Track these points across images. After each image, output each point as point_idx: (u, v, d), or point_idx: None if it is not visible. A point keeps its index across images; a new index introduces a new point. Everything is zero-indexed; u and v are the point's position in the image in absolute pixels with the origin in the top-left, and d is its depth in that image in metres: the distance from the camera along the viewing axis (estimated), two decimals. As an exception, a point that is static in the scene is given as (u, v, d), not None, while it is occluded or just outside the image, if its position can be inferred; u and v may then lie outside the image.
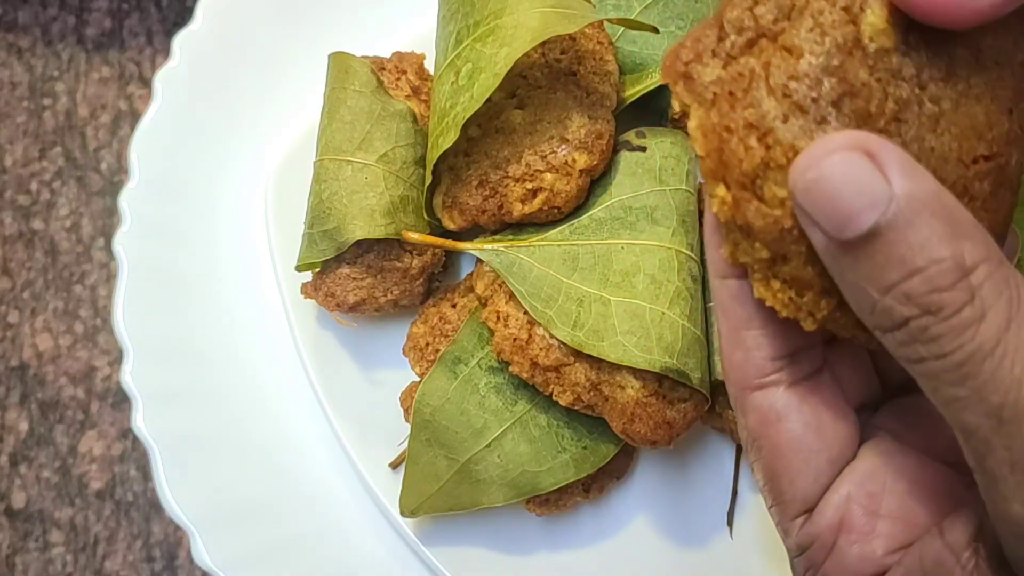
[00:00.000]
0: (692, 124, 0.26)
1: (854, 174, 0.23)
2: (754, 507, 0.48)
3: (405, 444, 0.45)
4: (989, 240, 0.24)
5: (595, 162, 0.44)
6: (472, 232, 0.47)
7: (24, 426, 0.57)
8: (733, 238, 0.27)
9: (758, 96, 0.25)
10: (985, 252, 0.23)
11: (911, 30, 0.26)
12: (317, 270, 0.48)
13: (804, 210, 0.24)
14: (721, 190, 0.26)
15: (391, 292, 0.47)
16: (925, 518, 0.28)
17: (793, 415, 0.28)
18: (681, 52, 0.27)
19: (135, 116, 0.62)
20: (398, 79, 0.49)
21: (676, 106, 0.27)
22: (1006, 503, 0.24)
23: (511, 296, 0.44)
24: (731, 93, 0.26)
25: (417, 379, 0.47)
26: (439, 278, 0.50)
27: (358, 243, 0.46)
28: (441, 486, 0.44)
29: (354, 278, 0.47)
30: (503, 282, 0.44)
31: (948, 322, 0.23)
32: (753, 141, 0.25)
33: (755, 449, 0.29)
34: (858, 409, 0.31)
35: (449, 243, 0.46)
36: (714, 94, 0.26)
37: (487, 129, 0.45)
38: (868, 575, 0.28)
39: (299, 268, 0.47)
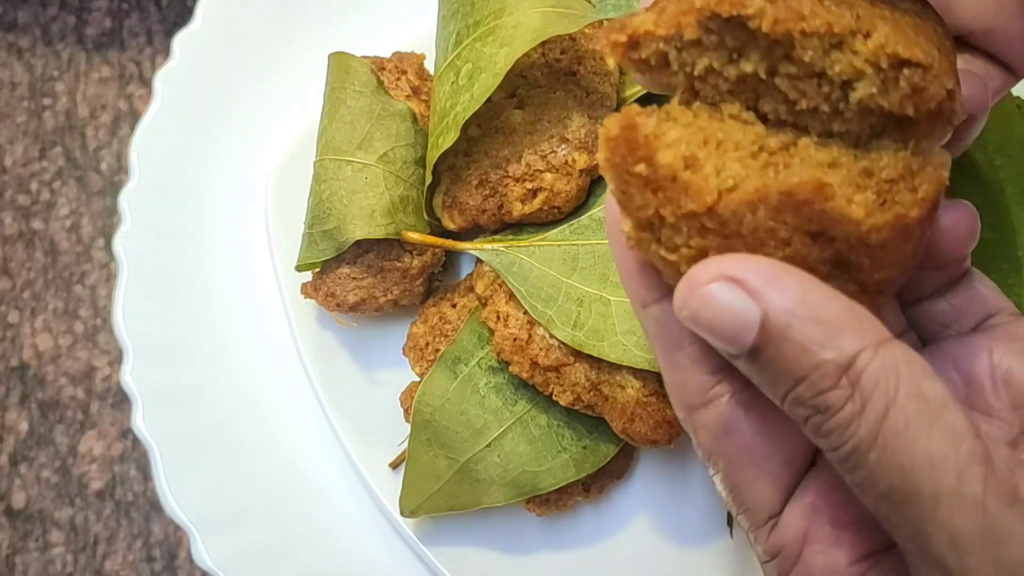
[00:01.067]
0: (600, 157, 0.27)
1: (724, 303, 0.25)
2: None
3: (405, 444, 0.45)
4: (865, 321, 0.25)
5: (595, 162, 0.44)
6: (472, 232, 0.47)
7: (24, 426, 0.57)
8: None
9: (653, 150, 0.27)
10: (860, 341, 0.24)
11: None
12: (317, 270, 0.48)
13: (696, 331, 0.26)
14: (627, 225, 0.28)
15: (391, 292, 0.47)
16: None
17: (740, 425, 0.29)
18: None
19: (135, 116, 0.62)
20: (398, 79, 0.49)
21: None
22: (916, 571, 0.25)
23: (511, 296, 0.44)
24: (627, 140, 0.27)
25: (417, 379, 0.47)
26: (439, 278, 0.50)
27: (358, 243, 0.46)
28: (441, 486, 0.44)
29: (354, 278, 0.47)
30: (503, 282, 0.44)
31: (834, 420, 0.24)
32: (648, 193, 0.26)
33: (712, 465, 0.30)
34: None
35: (449, 243, 0.46)
36: (611, 138, 0.27)
37: (487, 129, 0.45)
38: None
39: (299, 268, 0.47)
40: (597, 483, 0.47)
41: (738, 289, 0.24)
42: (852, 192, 0.26)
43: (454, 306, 0.47)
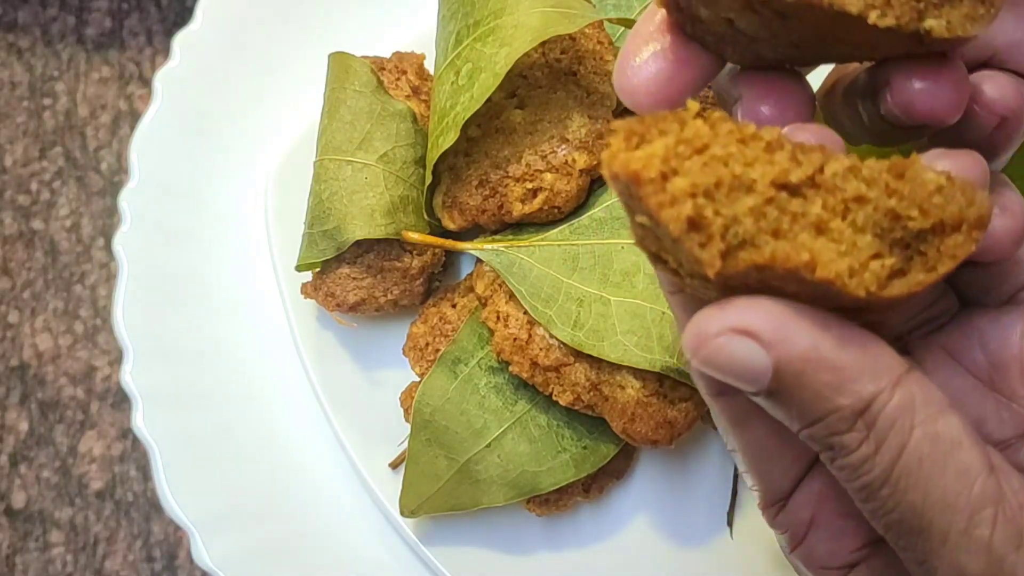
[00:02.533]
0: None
1: (734, 354, 0.25)
2: (754, 507, 0.48)
3: (405, 444, 0.45)
4: (881, 359, 0.25)
5: (595, 162, 0.44)
6: (472, 232, 0.47)
7: (24, 426, 0.57)
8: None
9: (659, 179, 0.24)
10: (875, 385, 0.24)
11: None
12: (317, 270, 0.48)
13: None
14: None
15: (391, 292, 0.47)
16: None
17: (755, 417, 0.29)
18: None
19: (135, 116, 0.62)
20: (398, 79, 0.49)
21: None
22: None
23: (511, 296, 0.44)
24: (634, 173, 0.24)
25: (417, 379, 0.47)
26: (439, 278, 0.50)
27: (358, 243, 0.46)
28: (441, 486, 0.44)
29: (354, 278, 0.47)
30: (503, 282, 0.44)
31: (848, 459, 0.25)
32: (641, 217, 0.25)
33: (731, 446, 0.31)
34: None
35: (449, 243, 0.46)
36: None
37: (487, 129, 0.45)
38: (835, 567, 0.29)
39: (299, 268, 0.47)
40: (597, 483, 0.47)
41: (748, 340, 0.24)
42: (872, 252, 0.24)
43: (454, 306, 0.47)
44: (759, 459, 0.30)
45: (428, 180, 0.45)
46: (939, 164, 0.27)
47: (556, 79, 0.45)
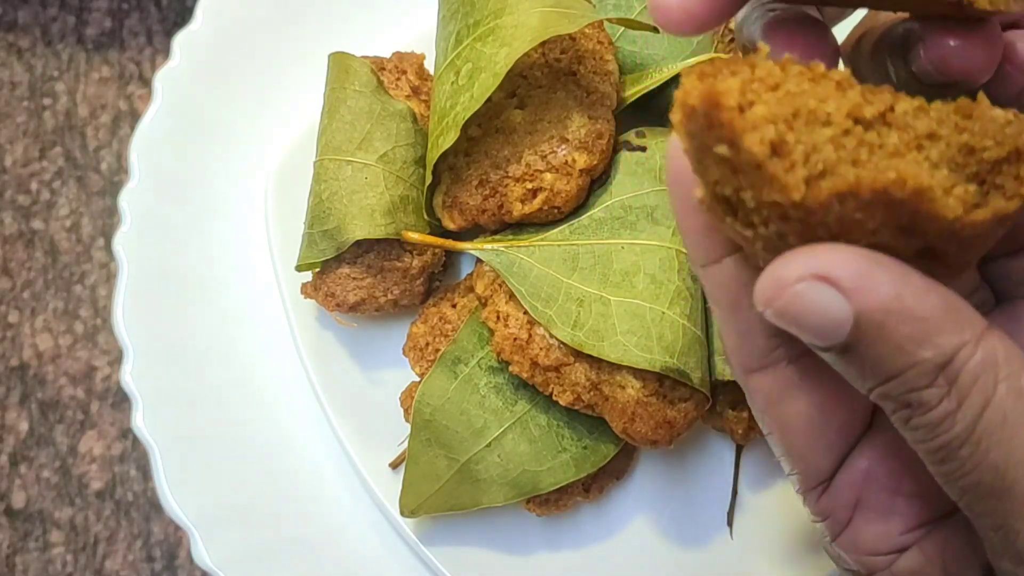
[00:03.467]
0: (675, 118, 0.25)
1: (814, 301, 0.24)
2: (754, 507, 0.48)
3: (405, 444, 0.45)
4: (963, 314, 0.24)
5: (595, 162, 0.44)
6: (472, 232, 0.47)
7: (24, 426, 0.57)
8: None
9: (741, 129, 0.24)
10: (959, 338, 0.24)
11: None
12: (317, 270, 0.48)
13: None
14: (700, 191, 0.26)
15: (391, 292, 0.47)
16: (947, 497, 0.28)
17: (795, 392, 0.28)
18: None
19: (135, 116, 0.62)
20: (398, 79, 0.49)
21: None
22: (997, 559, 0.25)
23: (511, 296, 0.44)
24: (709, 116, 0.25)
25: (417, 379, 0.47)
26: (439, 278, 0.50)
27: (358, 243, 0.46)
28: (441, 486, 0.44)
29: (354, 278, 0.47)
30: (503, 282, 0.44)
31: (927, 417, 0.24)
32: (728, 173, 0.25)
33: (767, 427, 0.29)
34: None
35: (449, 243, 0.46)
36: (689, 109, 0.25)
37: (487, 129, 0.45)
38: (883, 552, 0.28)
39: (299, 268, 0.47)
40: (597, 483, 0.47)
41: (829, 287, 0.23)
42: (951, 184, 0.24)
43: (454, 306, 0.47)
44: (799, 439, 0.28)
45: (428, 180, 0.45)
46: None
47: (556, 79, 0.45)
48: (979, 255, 0.26)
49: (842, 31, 0.32)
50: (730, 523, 0.48)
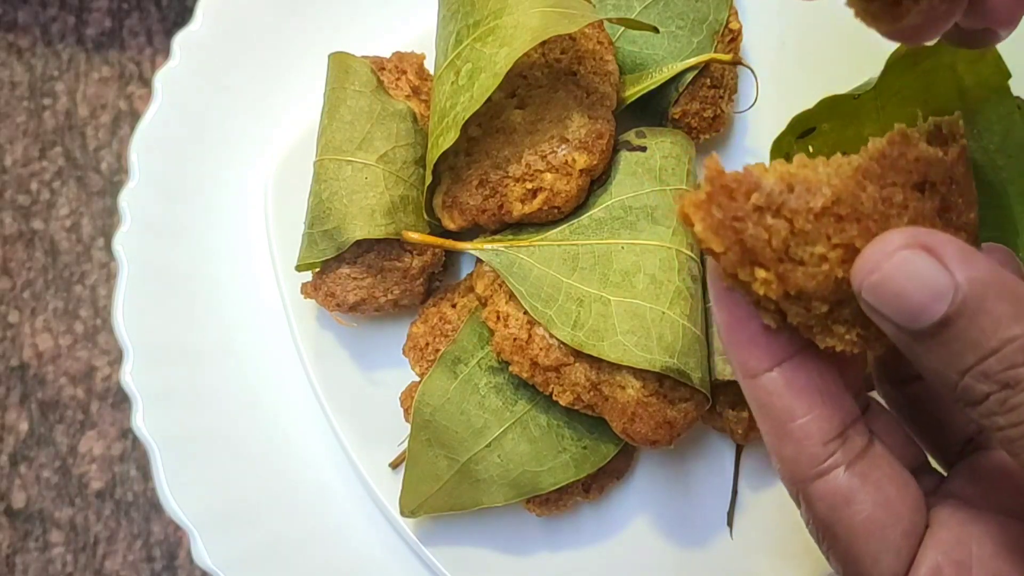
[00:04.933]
0: (698, 229, 0.27)
1: (917, 270, 0.24)
2: (754, 507, 0.48)
3: (405, 444, 0.45)
4: None
5: (595, 162, 0.44)
6: (472, 232, 0.47)
7: (24, 426, 0.57)
8: (781, 309, 0.28)
9: (757, 179, 0.27)
10: None
11: None
12: (317, 270, 0.48)
13: (873, 307, 0.26)
14: (761, 273, 0.27)
15: (391, 292, 0.47)
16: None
17: (860, 495, 0.28)
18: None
19: (135, 116, 0.62)
20: (398, 79, 0.49)
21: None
22: None
23: (511, 296, 0.44)
24: (725, 186, 0.27)
25: (417, 379, 0.47)
26: (439, 278, 0.50)
27: (358, 243, 0.46)
28: (441, 486, 0.44)
29: (354, 278, 0.47)
30: (503, 282, 0.44)
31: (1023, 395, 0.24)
32: (770, 219, 0.27)
33: (828, 537, 0.29)
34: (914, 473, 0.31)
35: (449, 243, 0.46)
36: (708, 193, 0.27)
37: (487, 129, 0.45)
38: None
39: (299, 268, 0.47)
40: (597, 483, 0.47)
41: (931, 259, 0.24)
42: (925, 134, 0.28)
43: (454, 306, 0.47)
44: (869, 543, 0.28)
45: (428, 180, 0.45)
46: None
47: (556, 79, 0.45)
48: (976, 223, 0.30)
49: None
50: (730, 523, 0.48)
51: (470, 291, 0.47)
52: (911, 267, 0.24)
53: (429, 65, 0.51)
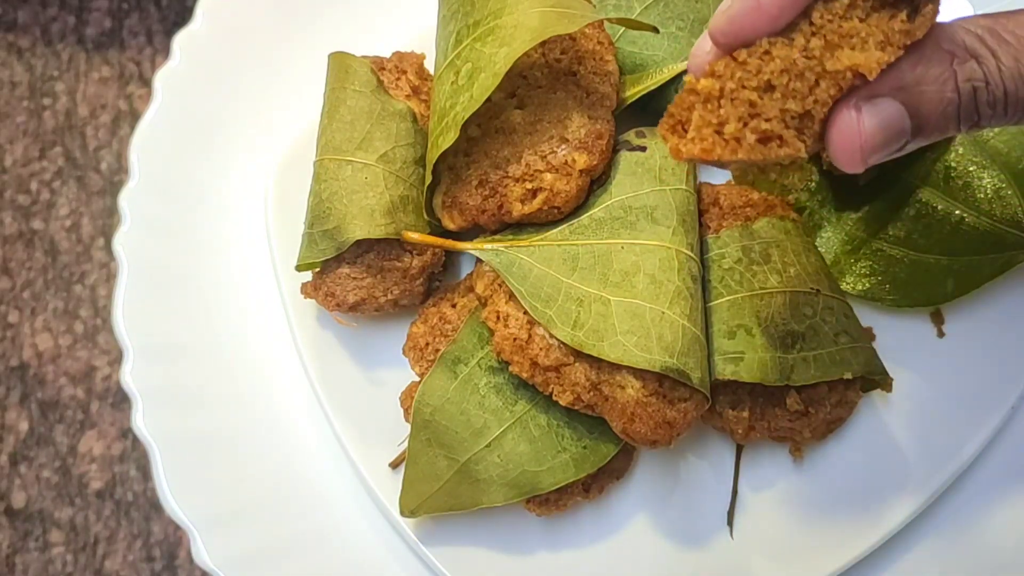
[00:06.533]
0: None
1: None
2: (754, 507, 0.48)
3: (405, 444, 0.45)
4: None
5: (595, 162, 0.44)
6: (472, 232, 0.47)
7: (24, 426, 0.57)
8: None
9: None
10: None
11: None
12: (317, 270, 0.48)
13: None
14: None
15: (391, 292, 0.47)
16: None
17: None
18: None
19: (135, 116, 0.62)
20: (398, 79, 0.49)
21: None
22: None
23: (511, 296, 0.44)
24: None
25: (417, 379, 0.47)
26: (439, 278, 0.50)
27: (358, 243, 0.46)
28: (441, 486, 0.44)
29: (354, 278, 0.47)
30: (503, 282, 0.44)
31: None
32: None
33: None
34: None
35: (449, 243, 0.46)
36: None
37: (487, 129, 0.45)
38: None
39: (299, 268, 0.47)
40: (597, 483, 0.47)
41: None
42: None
43: (454, 306, 0.47)
44: None
45: (428, 180, 0.45)
46: None
47: (556, 79, 0.45)
48: None
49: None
50: (730, 523, 0.48)
51: (470, 291, 0.47)
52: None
53: (429, 65, 0.51)
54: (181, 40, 0.54)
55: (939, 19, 0.34)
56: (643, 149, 0.46)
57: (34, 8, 0.65)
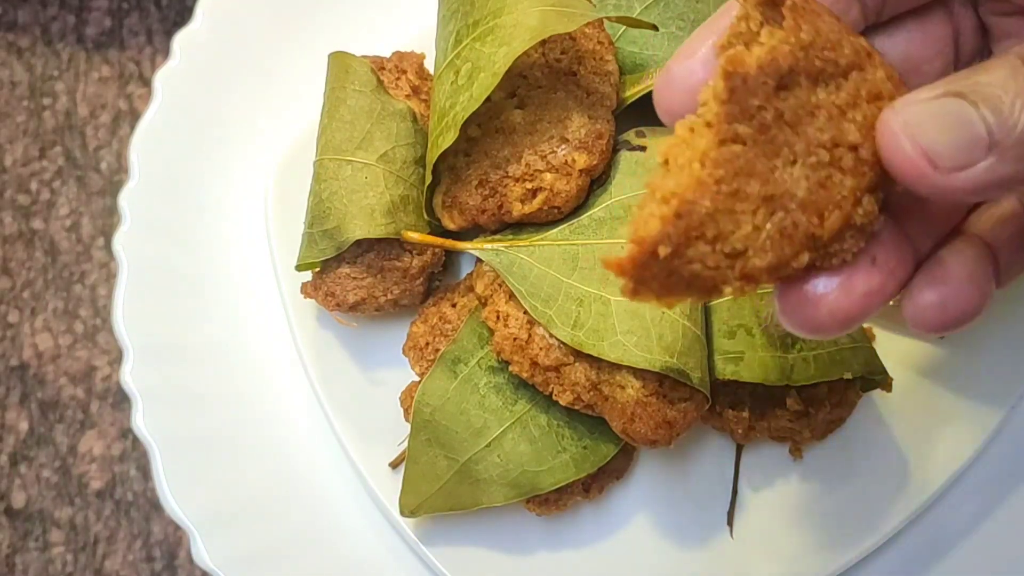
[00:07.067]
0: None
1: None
2: (754, 507, 0.48)
3: (405, 444, 0.45)
4: None
5: (595, 162, 0.44)
6: (472, 232, 0.47)
7: (24, 426, 0.57)
8: None
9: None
10: None
11: None
12: (317, 270, 0.48)
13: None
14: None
15: (391, 292, 0.47)
16: None
17: None
18: None
19: (135, 116, 0.62)
20: (398, 79, 0.49)
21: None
22: None
23: (511, 296, 0.44)
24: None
25: (417, 379, 0.47)
26: (439, 278, 0.50)
27: (358, 243, 0.46)
28: (441, 486, 0.44)
29: (354, 278, 0.47)
30: (503, 282, 0.44)
31: None
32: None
33: None
34: None
35: (449, 243, 0.46)
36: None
37: (487, 129, 0.45)
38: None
39: (299, 268, 0.47)
40: (597, 483, 0.47)
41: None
42: None
43: (454, 306, 0.48)
44: None
45: (428, 180, 0.45)
46: None
47: (556, 79, 0.45)
48: None
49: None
50: (730, 523, 0.48)
51: (470, 291, 0.47)
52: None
53: (429, 65, 0.51)
54: (181, 40, 0.54)
55: None
56: (643, 149, 0.46)
57: (34, 8, 0.65)
